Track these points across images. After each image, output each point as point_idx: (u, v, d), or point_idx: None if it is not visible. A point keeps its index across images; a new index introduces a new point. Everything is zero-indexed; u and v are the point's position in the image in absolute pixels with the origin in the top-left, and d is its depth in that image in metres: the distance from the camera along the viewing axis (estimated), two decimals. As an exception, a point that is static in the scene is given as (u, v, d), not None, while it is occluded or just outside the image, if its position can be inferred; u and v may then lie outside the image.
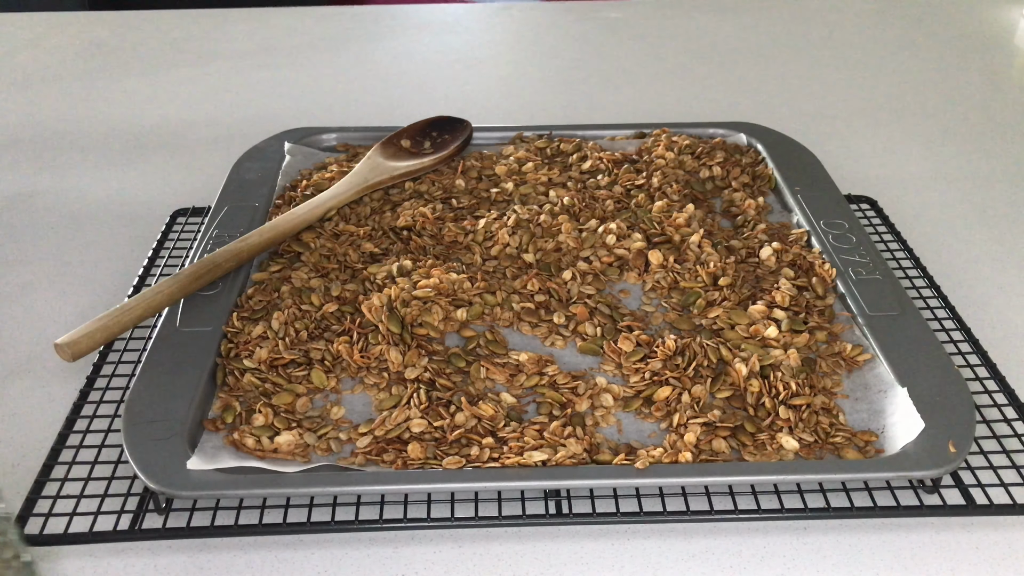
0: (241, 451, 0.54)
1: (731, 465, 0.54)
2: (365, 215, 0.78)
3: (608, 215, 0.76)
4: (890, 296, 0.66)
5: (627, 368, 0.61)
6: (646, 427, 0.57)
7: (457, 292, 0.66)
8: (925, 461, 0.52)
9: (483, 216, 0.76)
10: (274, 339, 0.62)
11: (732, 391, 0.59)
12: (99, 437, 0.57)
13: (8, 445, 0.59)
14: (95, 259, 0.79)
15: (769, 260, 0.71)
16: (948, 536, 0.53)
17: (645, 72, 1.19)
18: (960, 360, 0.64)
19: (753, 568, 0.51)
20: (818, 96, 1.12)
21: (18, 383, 0.65)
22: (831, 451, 0.55)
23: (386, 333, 0.62)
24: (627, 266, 0.71)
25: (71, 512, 0.52)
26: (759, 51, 1.25)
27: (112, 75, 1.17)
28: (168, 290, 0.63)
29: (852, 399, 0.59)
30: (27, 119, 1.05)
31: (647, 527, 0.54)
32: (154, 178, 0.92)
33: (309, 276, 0.68)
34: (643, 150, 0.86)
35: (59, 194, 0.89)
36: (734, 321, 0.64)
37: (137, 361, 0.63)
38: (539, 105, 1.10)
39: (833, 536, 0.53)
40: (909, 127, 1.04)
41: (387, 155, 0.84)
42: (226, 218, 0.75)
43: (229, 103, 1.10)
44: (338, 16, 1.38)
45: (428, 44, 1.29)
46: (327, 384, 0.60)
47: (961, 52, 1.25)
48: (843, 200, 0.78)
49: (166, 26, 1.33)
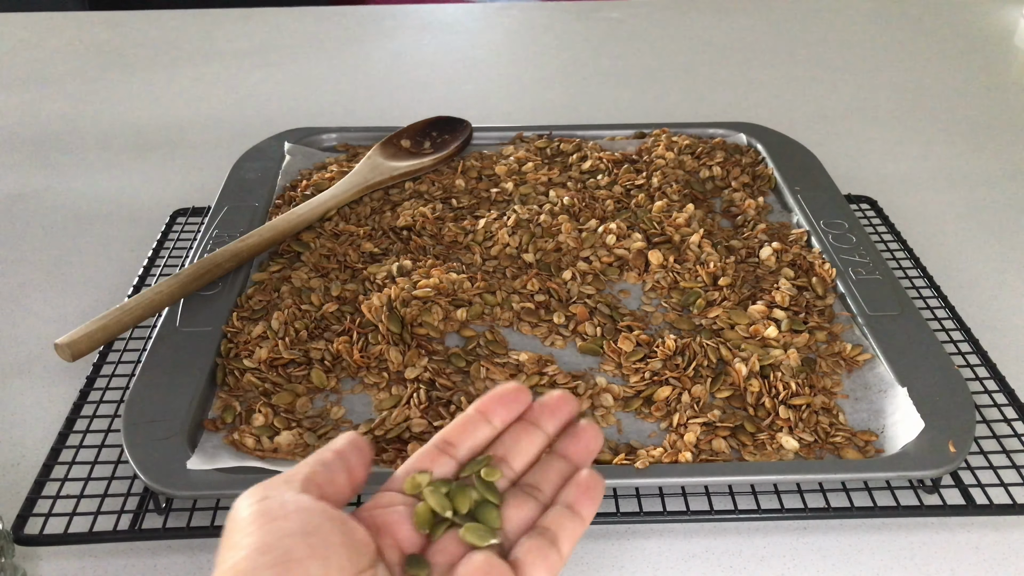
0: (241, 451, 0.54)
1: (731, 465, 0.54)
2: (365, 215, 0.77)
3: (608, 215, 0.76)
4: (890, 296, 0.66)
5: (627, 368, 0.61)
6: (646, 427, 0.57)
7: (457, 292, 0.66)
8: (925, 461, 0.52)
9: (483, 216, 0.76)
10: (274, 339, 0.62)
11: (732, 391, 0.59)
12: (99, 437, 0.57)
13: (8, 445, 0.59)
14: (95, 259, 0.79)
15: (769, 260, 0.71)
16: (948, 536, 0.53)
17: (645, 72, 1.19)
18: (960, 360, 0.64)
19: (753, 568, 0.51)
20: (818, 96, 1.12)
21: (18, 383, 0.65)
22: (831, 451, 0.55)
23: (386, 333, 0.62)
24: (627, 266, 0.71)
25: (71, 512, 0.52)
26: (759, 51, 1.25)
27: (112, 75, 1.17)
28: (168, 290, 0.63)
29: (852, 399, 0.59)
30: (27, 119, 1.05)
31: (647, 527, 0.54)
32: (154, 178, 0.92)
33: (309, 276, 0.68)
34: (643, 150, 0.86)
35: (59, 194, 0.89)
36: (734, 321, 0.64)
37: (137, 361, 0.63)
38: (539, 105, 1.10)
39: (833, 536, 0.53)
40: (909, 127, 1.04)
41: (387, 155, 0.84)
42: (226, 218, 0.75)
43: (229, 103, 1.10)
44: (338, 16, 1.38)
45: (428, 44, 1.29)
46: (327, 384, 0.60)
47: (961, 52, 1.25)
48: (843, 200, 0.78)
49: (166, 26, 1.33)
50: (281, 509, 0.32)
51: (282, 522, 0.32)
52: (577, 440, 0.39)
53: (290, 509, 0.32)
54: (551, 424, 0.39)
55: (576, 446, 0.39)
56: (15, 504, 0.53)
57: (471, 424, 0.38)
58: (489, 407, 0.39)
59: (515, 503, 0.37)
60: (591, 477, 0.37)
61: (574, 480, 0.37)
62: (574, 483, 0.37)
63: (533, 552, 0.35)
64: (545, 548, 0.35)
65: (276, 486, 0.34)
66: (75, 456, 0.56)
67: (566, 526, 0.36)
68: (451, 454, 0.38)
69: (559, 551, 0.35)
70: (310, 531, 0.31)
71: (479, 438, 0.38)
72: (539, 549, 0.35)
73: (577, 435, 0.39)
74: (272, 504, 0.32)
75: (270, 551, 0.30)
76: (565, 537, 0.35)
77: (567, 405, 0.39)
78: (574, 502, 0.37)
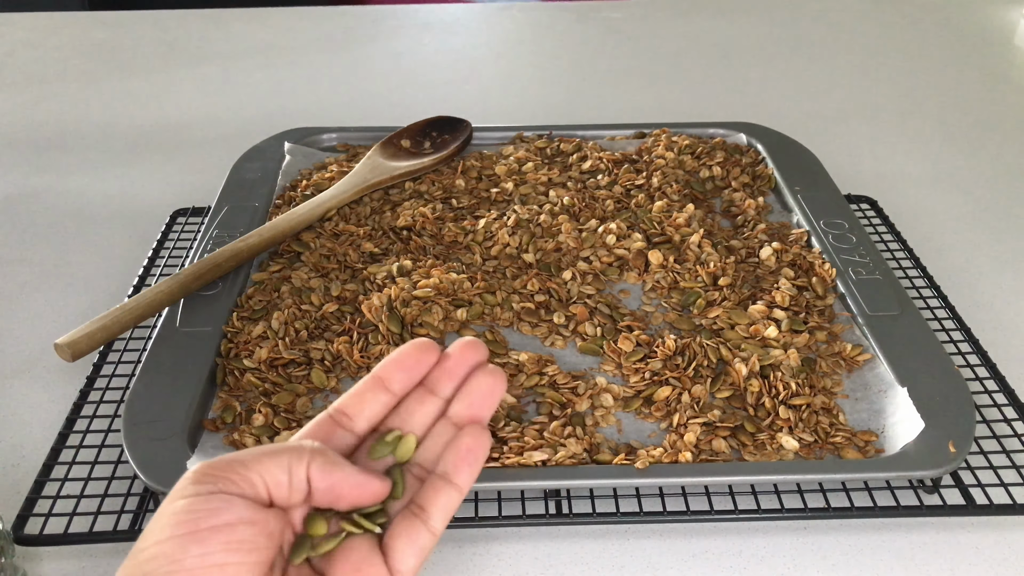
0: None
1: (731, 465, 0.54)
2: (365, 215, 0.77)
3: (608, 215, 0.76)
4: (890, 296, 0.66)
5: (627, 368, 0.61)
6: (646, 427, 0.57)
7: (457, 292, 0.66)
8: (925, 461, 0.52)
9: (483, 216, 0.76)
10: (274, 339, 0.62)
11: (732, 391, 0.59)
12: (99, 437, 0.57)
13: (8, 445, 0.59)
14: (95, 259, 0.79)
15: (769, 260, 0.71)
16: (948, 536, 0.53)
17: (645, 72, 1.19)
18: (960, 360, 0.64)
19: (753, 568, 0.51)
20: (818, 96, 1.12)
21: (18, 383, 0.65)
22: (831, 451, 0.55)
23: (386, 333, 0.62)
24: (627, 266, 0.71)
25: (71, 512, 0.52)
26: (759, 51, 1.25)
27: (112, 75, 1.17)
28: (168, 290, 0.63)
29: (852, 399, 0.59)
30: (27, 119, 1.05)
31: (647, 527, 0.54)
32: (154, 178, 0.92)
33: (309, 276, 0.68)
34: (643, 150, 0.86)
35: (59, 194, 0.89)
36: (734, 321, 0.64)
37: (137, 361, 0.63)
38: (539, 105, 1.10)
39: (833, 536, 0.53)
40: (909, 127, 1.04)
41: (387, 155, 0.84)
42: (226, 218, 0.75)
43: (229, 103, 1.10)
44: (338, 16, 1.38)
45: (428, 44, 1.29)
46: (327, 384, 0.60)
47: (961, 52, 1.25)
48: (843, 200, 0.78)
49: (166, 26, 1.33)
50: (209, 518, 0.30)
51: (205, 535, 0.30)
52: (469, 396, 0.35)
53: (217, 522, 0.30)
54: (449, 386, 0.35)
55: (467, 405, 0.35)
56: (15, 504, 0.53)
57: (369, 392, 0.35)
58: (388, 372, 0.35)
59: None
60: (471, 439, 0.34)
61: (454, 443, 0.34)
62: (453, 447, 0.34)
63: (402, 535, 0.33)
64: (415, 528, 0.33)
65: (224, 475, 0.31)
66: (75, 456, 0.56)
67: (438, 500, 0.33)
68: (348, 427, 0.35)
69: (430, 529, 0.33)
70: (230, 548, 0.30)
71: (376, 408, 0.35)
72: (407, 530, 0.33)
73: (469, 390, 0.35)
74: (200, 510, 0.30)
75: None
76: (437, 511, 0.33)
77: (466, 358, 0.35)
78: (450, 470, 0.34)
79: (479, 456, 0.34)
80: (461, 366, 0.35)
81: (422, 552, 0.33)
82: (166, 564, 0.29)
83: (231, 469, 0.31)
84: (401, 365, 0.35)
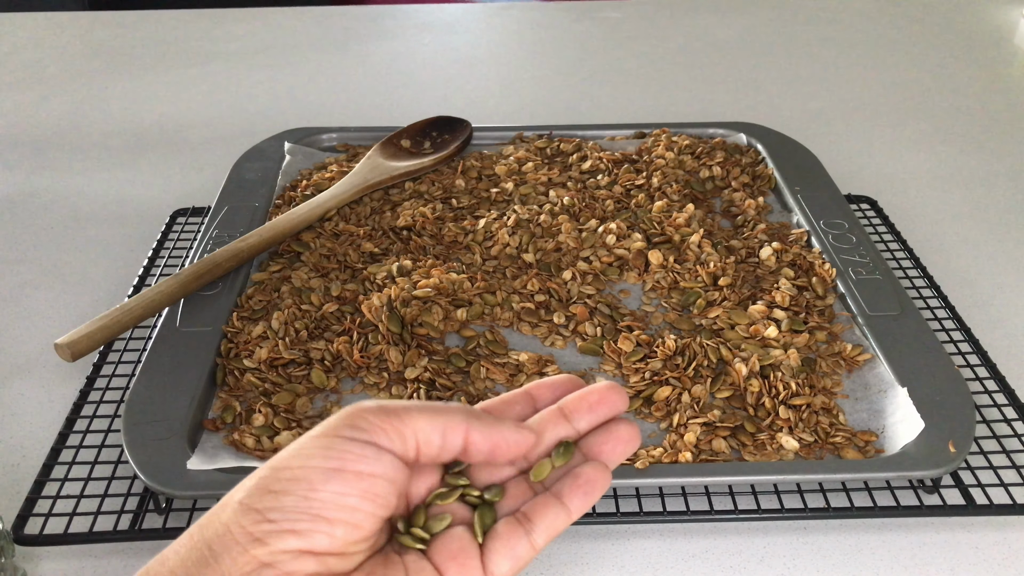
0: (241, 451, 0.54)
1: (731, 465, 0.54)
2: (365, 215, 0.78)
3: (608, 215, 0.76)
4: (890, 296, 0.66)
5: (627, 368, 0.61)
6: (646, 427, 0.57)
7: (457, 292, 0.66)
8: (925, 461, 0.52)
9: (483, 216, 0.76)
10: (274, 339, 0.62)
11: (732, 391, 0.59)
12: (99, 437, 0.57)
13: (8, 445, 0.59)
14: (95, 259, 0.79)
15: (769, 260, 0.71)
16: (948, 536, 0.53)
17: (645, 72, 1.19)
18: (960, 360, 0.64)
19: (753, 568, 0.51)
20: (818, 96, 1.12)
21: (18, 383, 0.65)
22: (831, 451, 0.55)
23: (386, 333, 0.62)
24: (627, 266, 0.71)
25: (71, 512, 0.52)
26: (759, 51, 1.25)
27: (112, 75, 1.17)
28: (168, 290, 0.63)
29: (852, 399, 0.59)
30: (27, 119, 1.05)
31: (647, 527, 0.54)
32: (154, 178, 0.92)
33: (309, 276, 0.68)
34: (643, 150, 0.86)
35: (59, 194, 0.89)
36: (734, 321, 0.64)
37: (137, 361, 0.63)
38: (539, 105, 1.10)
39: (833, 536, 0.53)
40: (909, 127, 1.04)
41: (387, 155, 0.84)
42: (226, 218, 0.75)
43: (229, 103, 1.10)
44: (338, 16, 1.38)
45: (428, 44, 1.29)
46: (327, 384, 0.60)
47: (961, 52, 1.25)
48: (843, 200, 0.78)
49: (166, 26, 1.33)
50: (357, 463, 0.31)
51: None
52: (608, 437, 0.36)
53: (364, 469, 0.31)
54: (585, 420, 0.36)
55: (601, 442, 0.36)
56: (15, 504, 0.53)
57: (518, 404, 0.37)
58: (540, 392, 0.37)
59: (516, 492, 0.35)
60: (593, 472, 0.35)
61: (577, 470, 0.35)
62: (575, 472, 0.35)
63: (502, 538, 0.33)
64: (517, 536, 0.33)
65: (380, 427, 0.32)
66: (75, 456, 0.56)
67: (546, 515, 0.34)
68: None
69: (531, 541, 0.33)
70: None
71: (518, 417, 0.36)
72: (509, 536, 0.33)
73: (610, 433, 0.36)
74: (351, 453, 0.31)
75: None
76: (542, 525, 0.33)
77: (611, 400, 0.36)
78: (566, 491, 0.34)
79: (597, 489, 0.35)
80: (604, 406, 0.36)
81: (518, 561, 0.33)
82: (305, 488, 0.30)
83: (387, 422, 0.32)
84: (554, 389, 0.37)
